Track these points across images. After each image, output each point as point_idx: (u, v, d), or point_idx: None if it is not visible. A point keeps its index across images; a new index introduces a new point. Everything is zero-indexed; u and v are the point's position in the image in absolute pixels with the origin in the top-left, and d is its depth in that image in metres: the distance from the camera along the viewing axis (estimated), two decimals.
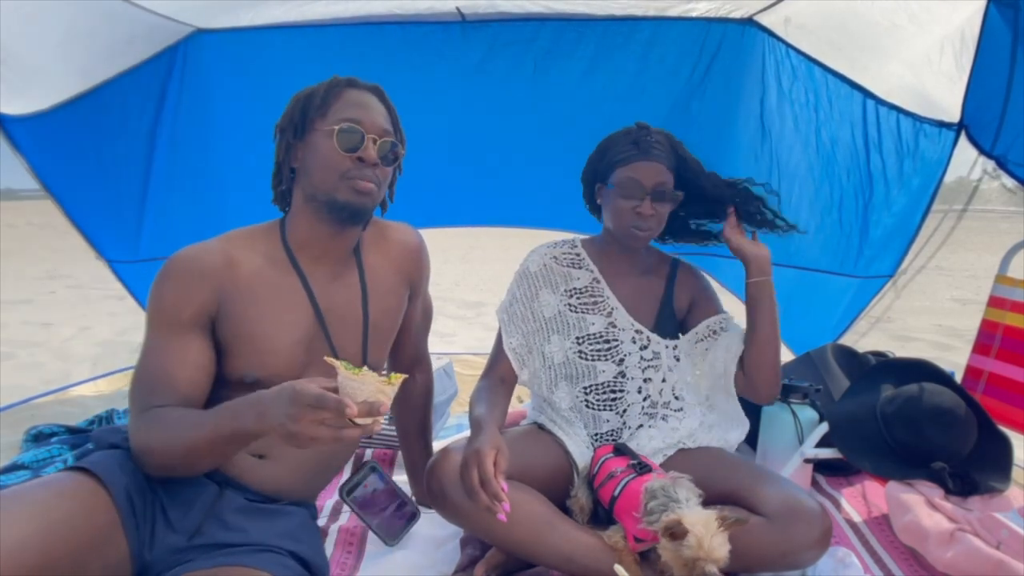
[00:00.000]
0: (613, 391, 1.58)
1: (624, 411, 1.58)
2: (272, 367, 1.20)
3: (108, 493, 1.05)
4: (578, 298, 1.61)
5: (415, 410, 1.65)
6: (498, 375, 1.61)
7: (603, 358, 1.58)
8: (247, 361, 1.20)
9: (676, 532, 1.17)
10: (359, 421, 0.93)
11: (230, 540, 1.14)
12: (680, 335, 1.63)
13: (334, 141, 1.19)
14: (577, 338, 1.59)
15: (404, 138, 1.35)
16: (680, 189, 1.54)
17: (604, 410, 1.58)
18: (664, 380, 1.59)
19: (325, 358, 1.00)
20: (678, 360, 1.61)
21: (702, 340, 1.62)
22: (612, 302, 1.61)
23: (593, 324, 1.59)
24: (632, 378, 1.58)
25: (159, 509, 1.13)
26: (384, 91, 1.31)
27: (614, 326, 1.60)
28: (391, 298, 1.38)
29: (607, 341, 1.59)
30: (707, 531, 1.16)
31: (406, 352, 1.57)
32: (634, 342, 1.59)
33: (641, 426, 1.58)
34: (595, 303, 1.61)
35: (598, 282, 1.62)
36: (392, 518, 1.53)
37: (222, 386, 1.21)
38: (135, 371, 1.18)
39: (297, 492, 1.30)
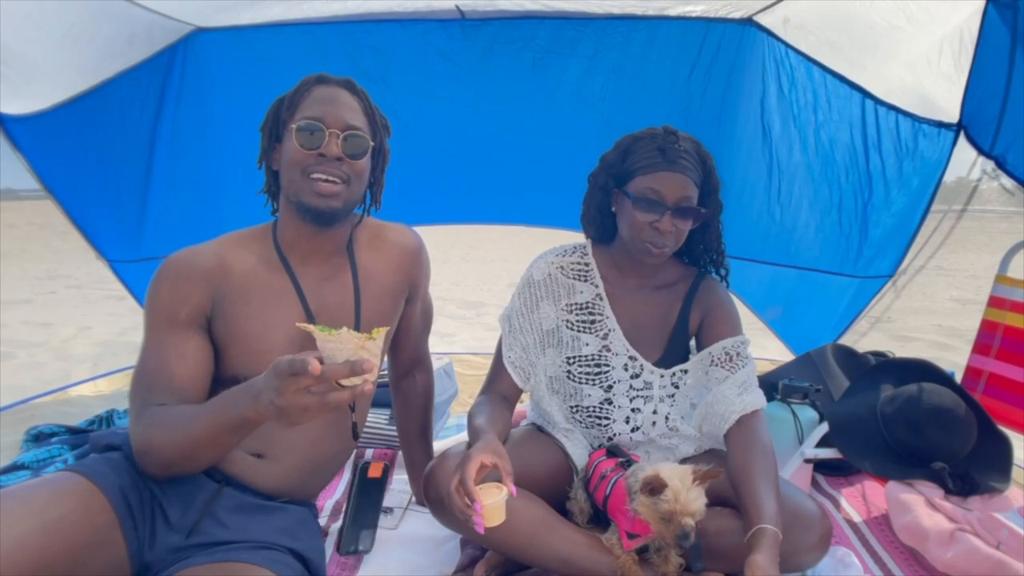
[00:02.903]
0: (599, 416, 1.53)
1: (610, 439, 1.53)
2: (264, 366, 1.17)
3: (104, 494, 1.06)
4: (577, 315, 1.53)
5: (415, 411, 1.64)
6: (499, 392, 1.53)
7: (591, 382, 1.52)
8: (240, 361, 1.21)
9: (654, 486, 1.18)
10: (345, 383, 0.89)
11: (228, 538, 1.14)
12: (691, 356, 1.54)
13: (293, 139, 1.19)
14: (568, 358, 1.53)
15: (386, 129, 1.33)
16: (702, 205, 1.44)
17: (591, 428, 1.55)
18: (655, 412, 1.50)
19: (297, 324, 0.96)
20: (677, 387, 1.52)
21: (716, 366, 1.48)
22: (611, 323, 1.51)
23: (587, 345, 1.52)
24: (619, 407, 1.51)
25: (158, 508, 1.13)
26: (356, 83, 1.28)
27: (608, 349, 1.51)
28: (386, 299, 1.37)
29: (598, 365, 1.51)
30: (683, 484, 1.17)
31: (406, 353, 1.56)
32: (626, 369, 1.51)
33: (636, 447, 1.54)
34: (593, 322, 1.52)
35: (601, 299, 1.52)
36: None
37: (218, 386, 1.20)
38: (135, 371, 1.19)
39: (295, 491, 1.30)
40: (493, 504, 1.16)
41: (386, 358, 1.58)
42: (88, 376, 2.83)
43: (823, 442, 1.80)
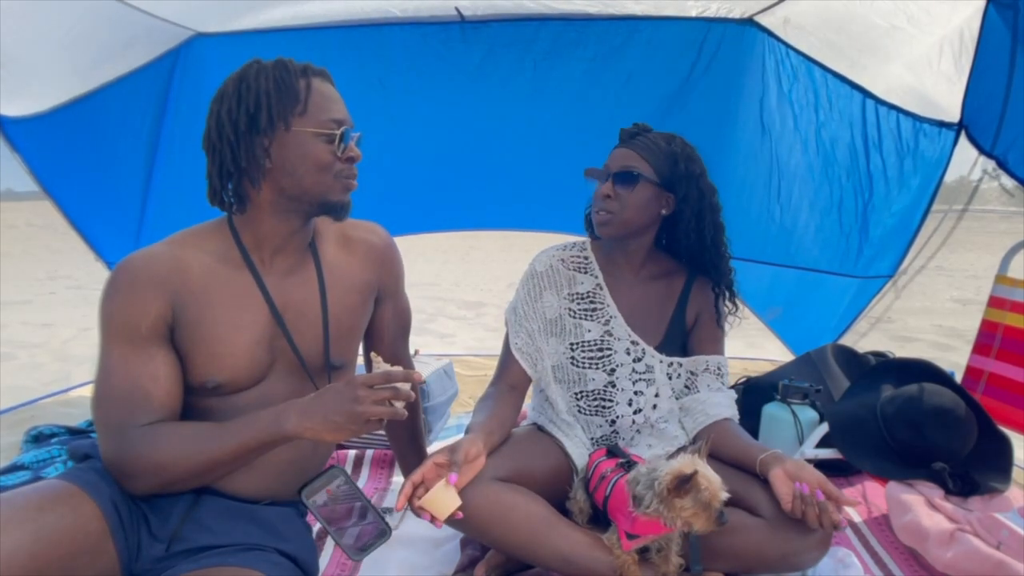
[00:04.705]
0: (603, 400, 1.56)
1: (614, 421, 1.55)
2: (233, 370, 1.17)
3: (96, 504, 1.04)
4: (579, 303, 1.59)
5: (403, 424, 1.55)
6: (507, 383, 1.56)
7: (594, 366, 1.56)
8: (207, 366, 1.16)
9: (687, 481, 1.16)
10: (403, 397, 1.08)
11: (213, 542, 1.12)
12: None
13: (335, 145, 1.15)
14: (571, 344, 1.57)
15: None
16: (668, 190, 1.50)
17: (595, 415, 1.57)
18: (657, 395, 1.55)
19: (371, 354, 1.14)
20: (671, 378, 1.58)
21: (710, 374, 1.58)
22: (611, 310, 1.57)
23: (589, 331, 1.57)
24: (622, 389, 1.55)
25: (143, 519, 1.12)
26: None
27: (610, 335, 1.56)
28: (353, 295, 1.33)
29: (601, 349, 1.56)
30: (701, 467, 1.18)
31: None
32: (628, 353, 1.56)
33: (637, 434, 1.56)
34: (595, 310, 1.58)
35: (601, 288, 1.59)
36: (358, 530, 1.35)
37: (186, 395, 1.17)
38: (99, 391, 1.12)
39: (277, 494, 1.27)
40: (431, 498, 1.19)
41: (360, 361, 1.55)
42: (88, 377, 2.82)
43: (823, 442, 1.80)
